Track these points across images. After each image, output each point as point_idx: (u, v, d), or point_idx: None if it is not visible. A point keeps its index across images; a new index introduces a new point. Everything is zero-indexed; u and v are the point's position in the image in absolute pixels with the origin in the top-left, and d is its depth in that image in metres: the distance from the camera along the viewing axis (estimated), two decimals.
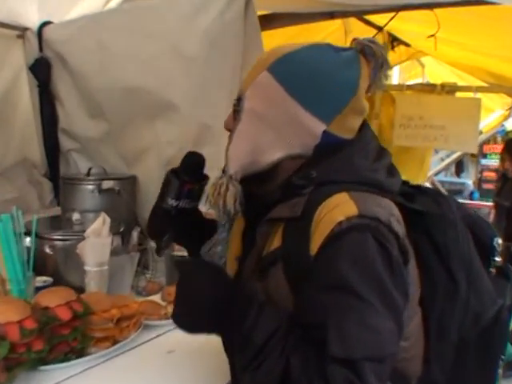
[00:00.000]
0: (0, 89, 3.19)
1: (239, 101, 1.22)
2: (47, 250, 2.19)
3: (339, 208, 1.04)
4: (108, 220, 1.97)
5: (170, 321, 1.79)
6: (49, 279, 2.00)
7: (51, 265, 2.20)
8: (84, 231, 2.03)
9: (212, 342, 1.22)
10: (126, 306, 1.73)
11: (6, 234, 1.69)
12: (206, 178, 1.41)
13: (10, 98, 3.29)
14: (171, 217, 1.39)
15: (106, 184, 2.50)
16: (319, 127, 1.14)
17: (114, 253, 2.05)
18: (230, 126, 1.24)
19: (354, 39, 1.21)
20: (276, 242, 1.13)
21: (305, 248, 1.05)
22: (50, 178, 3.34)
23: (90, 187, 2.54)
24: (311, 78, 1.15)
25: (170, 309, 1.84)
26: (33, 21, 3.18)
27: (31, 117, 3.40)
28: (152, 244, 2.26)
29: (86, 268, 1.93)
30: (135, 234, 2.21)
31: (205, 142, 2.43)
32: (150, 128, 2.64)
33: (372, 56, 1.18)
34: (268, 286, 1.13)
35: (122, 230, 2.28)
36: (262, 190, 1.23)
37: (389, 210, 1.08)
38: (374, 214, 1.04)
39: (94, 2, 3.20)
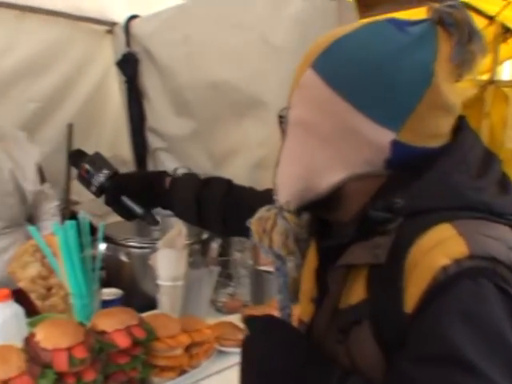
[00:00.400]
0: (91, 85, 3.21)
1: (285, 110, 0.94)
2: (123, 258, 2.04)
3: (442, 247, 0.76)
4: (184, 230, 1.77)
5: None
6: (119, 292, 1.83)
7: (126, 274, 2.07)
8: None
9: None
10: (198, 331, 1.52)
11: (67, 243, 1.53)
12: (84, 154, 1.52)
13: (101, 94, 3.31)
14: (111, 193, 1.43)
15: None
16: (385, 136, 0.84)
17: (192, 265, 1.85)
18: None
19: (430, 7, 0.86)
20: (357, 293, 0.86)
21: (397, 304, 0.78)
22: None
23: None
24: (367, 71, 0.84)
25: None
26: (121, 15, 3.13)
27: (121, 113, 3.36)
28: (236, 256, 2.07)
29: (159, 282, 1.74)
30: (215, 246, 2.00)
31: None
32: (238, 127, 2.47)
33: (454, 27, 0.83)
34: (351, 349, 0.86)
35: (203, 239, 2.08)
36: (332, 217, 0.96)
37: (507, 243, 0.78)
38: (489, 251, 0.75)
39: None
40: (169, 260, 1.73)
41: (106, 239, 2.04)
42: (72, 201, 3.11)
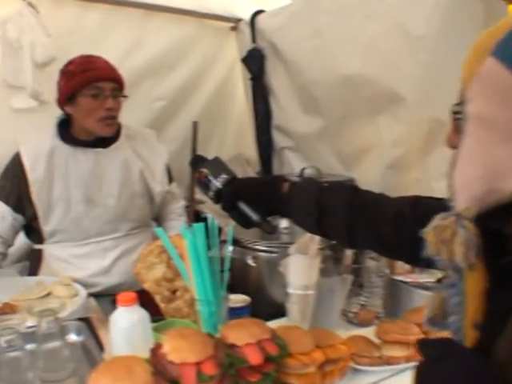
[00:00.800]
0: (215, 82, 3.23)
1: (460, 105, 0.83)
2: (249, 262, 1.95)
3: None
4: (314, 236, 1.65)
5: (386, 367, 1.47)
6: (246, 299, 1.73)
7: (253, 279, 1.97)
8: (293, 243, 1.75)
9: None
10: (332, 347, 1.39)
11: (195, 246, 1.45)
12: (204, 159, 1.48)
13: (225, 92, 3.32)
14: (228, 199, 1.41)
15: None
16: None
17: (324, 273, 1.73)
18: (455, 143, 0.85)
19: None
20: None
21: None
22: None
23: None
24: None
25: (386, 351, 1.52)
26: (245, 11, 3.11)
27: (246, 111, 3.35)
28: (369, 263, 1.92)
29: (289, 290, 1.64)
30: (349, 253, 1.86)
31: (438, 142, 2.08)
32: (371, 124, 2.34)
33: None
34: None
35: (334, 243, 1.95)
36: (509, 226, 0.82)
37: None
38: None
39: None
40: (301, 267, 1.62)
41: (233, 242, 1.97)
42: (196, 200, 3.09)
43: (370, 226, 1.25)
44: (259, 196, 1.38)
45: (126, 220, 2.26)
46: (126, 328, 1.35)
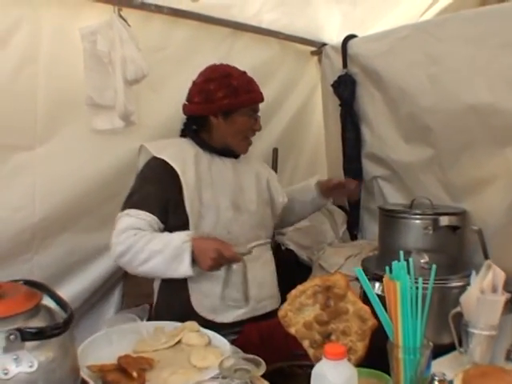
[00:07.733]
0: (294, 108, 3.21)
1: None
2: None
3: None
4: (501, 273, 1.57)
5: None
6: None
7: None
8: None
9: None
10: None
11: (407, 289, 1.35)
12: None
13: (304, 118, 3.29)
14: None
15: (443, 220, 2.11)
16: None
17: None
18: None
19: None
20: None
21: None
22: (349, 207, 3.12)
23: (422, 223, 2.16)
24: None
25: None
26: (330, 36, 3.07)
27: (322, 136, 3.33)
28: None
29: (473, 330, 1.55)
30: None
31: None
32: (496, 155, 2.21)
33: None
34: None
35: None
36: None
37: None
38: None
39: (408, 12, 2.95)
40: (489, 307, 1.54)
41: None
42: (276, 231, 2.97)
43: None
44: None
45: (265, 227, 2.29)
46: None
